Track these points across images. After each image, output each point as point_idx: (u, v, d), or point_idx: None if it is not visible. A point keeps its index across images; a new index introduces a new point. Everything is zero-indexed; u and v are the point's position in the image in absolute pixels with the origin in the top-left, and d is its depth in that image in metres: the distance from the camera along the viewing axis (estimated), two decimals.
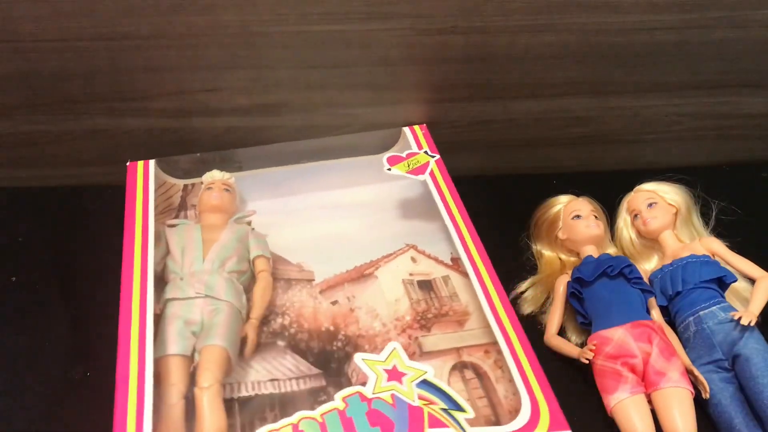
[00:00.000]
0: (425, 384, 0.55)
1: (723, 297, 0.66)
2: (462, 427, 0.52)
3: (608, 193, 0.77)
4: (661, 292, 0.68)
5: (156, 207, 0.70)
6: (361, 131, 0.82)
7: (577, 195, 0.75)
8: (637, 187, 0.75)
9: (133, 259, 0.63)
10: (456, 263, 0.67)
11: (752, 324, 0.61)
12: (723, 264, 0.69)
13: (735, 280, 0.67)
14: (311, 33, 0.73)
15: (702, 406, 0.60)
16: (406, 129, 0.80)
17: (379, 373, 0.55)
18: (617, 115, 0.86)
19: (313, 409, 0.53)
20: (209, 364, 0.56)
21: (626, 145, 0.89)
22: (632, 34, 0.77)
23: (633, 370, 0.60)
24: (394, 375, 0.55)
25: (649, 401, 0.59)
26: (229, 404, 0.54)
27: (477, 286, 0.63)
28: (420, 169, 0.75)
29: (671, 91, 0.84)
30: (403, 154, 0.76)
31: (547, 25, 0.75)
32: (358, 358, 0.57)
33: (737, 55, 0.80)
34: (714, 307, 0.64)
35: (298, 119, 0.81)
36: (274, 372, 0.57)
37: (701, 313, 0.64)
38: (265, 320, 0.61)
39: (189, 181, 0.74)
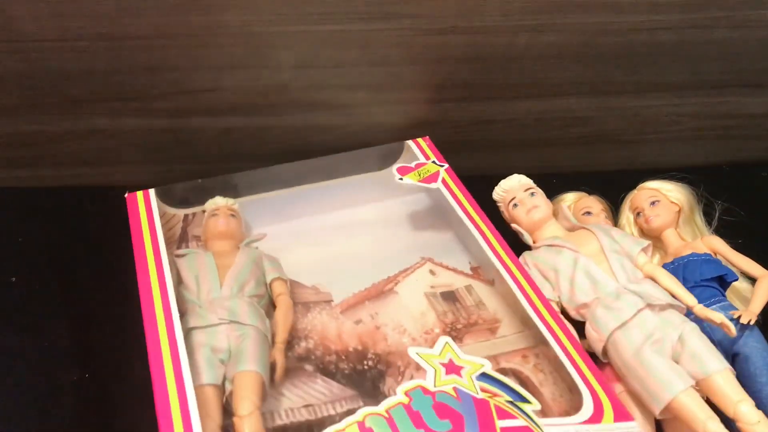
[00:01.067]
0: (485, 377, 0.53)
1: (724, 295, 0.66)
2: (532, 419, 0.50)
3: (608, 193, 0.78)
4: None
5: None
6: (361, 131, 0.82)
7: (589, 193, 0.77)
8: (641, 185, 0.76)
9: (152, 291, 0.59)
10: (476, 272, 0.65)
11: (752, 323, 0.61)
12: (725, 262, 0.68)
13: (736, 279, 0.67)
14: (311, 33, 0.73)
15: None
16: (410, 142, 0.78)
17: (436, 367, 0.53)
18: (617, 115, 0.85)
19: None
20: (245, 391, 0.52)
21: (626, 145, 0.89)
22: (632, 34, 0.77)
23: None
24: (452, 368, 0.53)
25: None
26: None
27: (514, 288, 0.62)
28: (431, 178, 0.73)
29: (671, 91, 0.84)
30: (412, 164, 0.75)
31: (547, 25, 0.75)
32: (411, 351, 0.54)
33: (737, 55, 0.80)
34: (714, 306, 0.64)
35: (298, 119, 0.81)
36: (306, 398, 0.55)
37: None
38: (288, 345, 0.59)
39: (189, 211, 0.71)
